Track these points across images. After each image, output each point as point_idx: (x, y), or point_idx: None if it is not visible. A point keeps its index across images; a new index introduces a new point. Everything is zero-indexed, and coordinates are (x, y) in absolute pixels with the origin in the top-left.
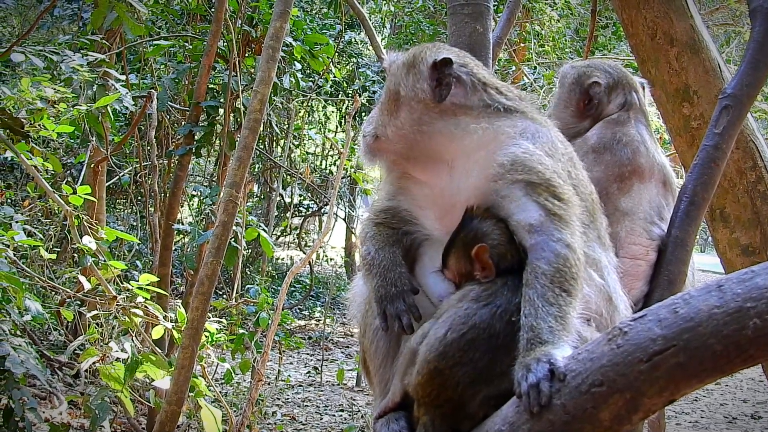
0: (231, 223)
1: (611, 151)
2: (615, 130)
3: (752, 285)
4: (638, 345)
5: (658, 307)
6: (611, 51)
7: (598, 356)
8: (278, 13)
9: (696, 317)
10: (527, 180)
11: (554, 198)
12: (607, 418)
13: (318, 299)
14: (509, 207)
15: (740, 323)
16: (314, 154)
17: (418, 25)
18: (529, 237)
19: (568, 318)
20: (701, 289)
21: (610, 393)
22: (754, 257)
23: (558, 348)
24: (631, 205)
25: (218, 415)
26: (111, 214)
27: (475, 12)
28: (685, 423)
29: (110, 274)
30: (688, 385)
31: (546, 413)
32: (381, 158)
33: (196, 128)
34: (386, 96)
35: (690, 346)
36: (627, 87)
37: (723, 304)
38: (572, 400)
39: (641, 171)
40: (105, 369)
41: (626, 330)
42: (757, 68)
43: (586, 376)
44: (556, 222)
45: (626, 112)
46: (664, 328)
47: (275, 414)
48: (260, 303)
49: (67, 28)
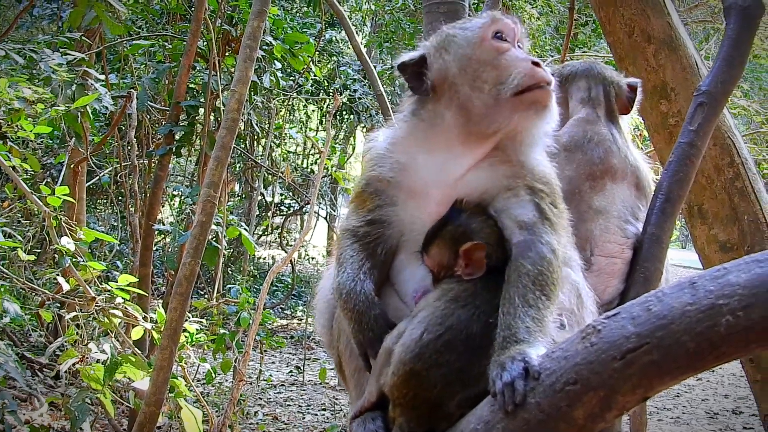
0: (209, 223)
1: (583, 150)
2: (586, 129)
3: (725, 282)
4: (612, 343)
5: (632, 305)
6: (591, 48)
7: (572, 354)
8: (255, 12)
9: (669, 315)
10: (538, 188)
11: (552, 205)
12: (581, 416)
13: (300, 298)
14: (510, 201)
15: (713, 320)
16: (295, 153)
17: (398, 24)
18: (519, 233)
19: (545, 321)
20: (674, 286)
21: (584, 391)
22: (732, 253)
23: (533, 347)
24: (605, 204)
25: (199, 416)
26: (91, 215)
27: (450, 10)
28: (666, 419)
29: (89, 275)
30: (662, 382)
31: (521, 412)
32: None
33: (176, 128)
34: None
35: (663, 343)
36: (591, 81)
37: (696, 301)
38: (547, 399)
39: (614, 171)
40: (85, 370)
41: (600, 328)
42: (732, 65)
43: (561, 375)
44: (547, 225)
45: (594, 109)
46: (638, 326)
47: (257, 414)
48: (241, 302)
49: (46, 27)
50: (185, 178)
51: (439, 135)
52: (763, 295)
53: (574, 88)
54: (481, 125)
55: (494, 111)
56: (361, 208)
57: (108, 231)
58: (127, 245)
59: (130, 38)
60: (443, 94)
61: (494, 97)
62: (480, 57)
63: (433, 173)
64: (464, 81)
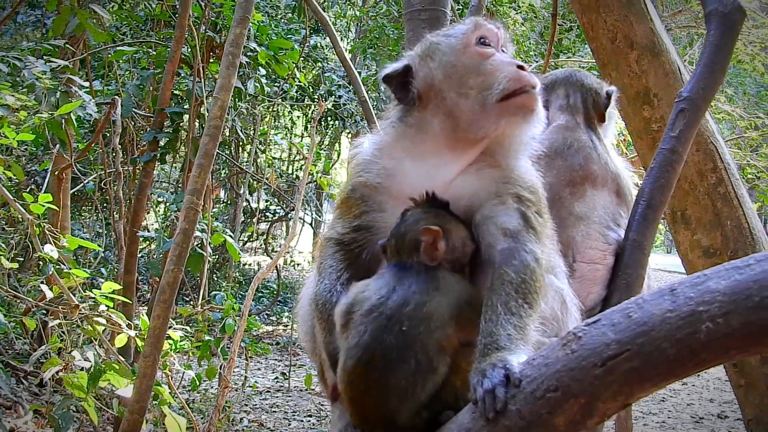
0: (192, 230)
1: (563, 156)
2: (566, 136)
3: (704, 288)
4: (592, 350)
5: (612, 312)
6: (576, 54)
7: (552, 361)
8: (238, 19)
9: (649, 321)
10: (525, 196)
11: (538, 214)
12: (562, 423)
13: (285, 305)
14: (496, 208)
15: (693, 327)
16: (280, 159)
17: (382, 30)
18: (504, 240)
19: (527, 329)
20: (654, 293)
21: (565, 398)
22: (715, 258)
23: (514, 354)
24: (586, 210)
25: (183, 423)
26: (76, 222)
27: (432, 17)
28: (652, 423)
29: (73, 283)
30: (643, 389)
31: (502, 419)
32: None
33: (161, 135)
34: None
35: (644, 350)
36: (570, 89)
37: (676, 308)
38: (528, 406)
39: (594, 177)
40: (68, 378)
41: (580, 335)
42: (713, 71)
43: (541, 382)
44: (531, 234)
45: (573, 116)
46: (618, 333)
47: (243, 420)
48: (226, 309)
49: (30, 34)
50: (170, 184)
51: (426, 141)
52: (742, 301)
53: (554, 96)
54: (468, 131)
55: (481, 117)
56: (347, 215)
57: (93, 238)
58: (112, 252)
59: (115, 45)
60: (429, 101)
61: (481, 103)
62: (465, 63)
63: (420, 179)
64: (450, 88)
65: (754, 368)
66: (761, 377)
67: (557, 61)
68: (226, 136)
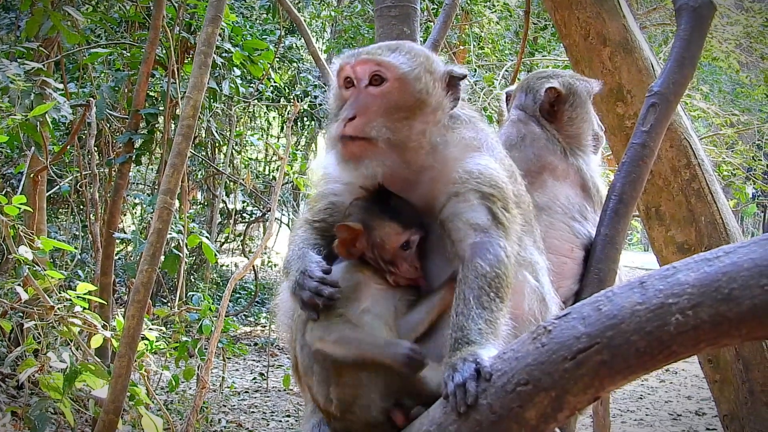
0: (166, 230)
1: (518, 148)
2: (519, 128)
3: (674, 281)
4: (562, 343)
5: (582, 305)
6: (551, 52)
7: (523, 355)
8: (209, 19)
9: (619, 314)
10: (485, 192)
11: (504, 209)
12: (533, 416)
13: (263, 305)
14: (460, 206)
15: (662, 319)
16: (256, 160)
17: (357, 29)
18: (474, 235)
19: (497, 323)
20: (624, 286)
21: (535, 392)
22: (689, 254)
23: (484, 348)
24: (546, 200)
25: (160, 424)
26: (52, 224)
27: (402, 14)
28: (630, 421)
29: (48, 284)
30: (613, 382)
31: (473, 413)
32: (363, 163)
33: (136, 136)
34: (398, 99)
35: (613, 343)
36: (521, 90)
37: (645, 300)
38: (499, 400)
39: (552, 167)
40: (44, 379)
41: (550, 329)
42: (683, 66)
43: (512, 376)
44: (501, 230)
45: (524, 111)
46: (588, 326)
47: (221, 421)
48: (203, 310)
49: (4, 37)
50: (146, 186)
51: None
52: (711, 294)
53: (515, 97)
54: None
55: None
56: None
57: (69, 240)
58: (89, 254)
59: (89, 47)
60: None
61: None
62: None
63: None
64: None
65: (728, 363)
66: (736, 373)
67: (532, 59)
68: (202, 137)
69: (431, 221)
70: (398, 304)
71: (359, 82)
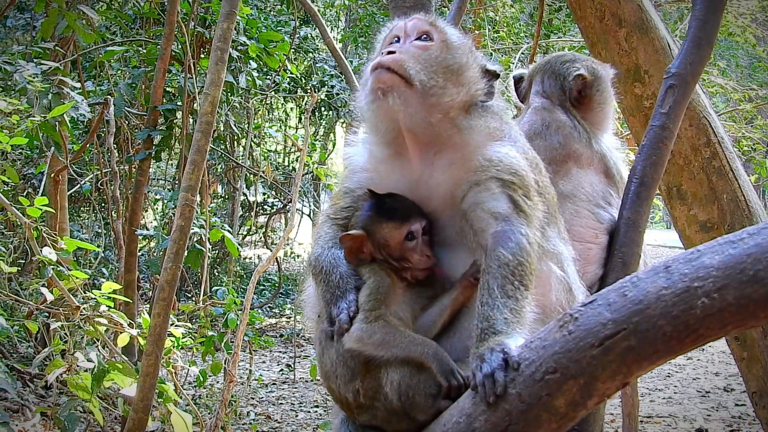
0: (188, 227)
1: (542, 136)
2: (544, 116)
3: (699, 264)
4: (589, 330)
5: (608, 291)
6: (566, 34)
7: (550, 343)
8: (225, 14)
9: (645, 299)
10: (506, 179)
11: (525, 197)
12: (562, 404)
13: (288, 296)
14: (481, 195)
15: (688, 303)
16: (275, 151)
17: (372, 18)
18: (496, 224)
19: (523, 312)
20: (649, 270)
21: (564, 380)
22: (712, 233)
23: (511, 338)
24: (571, 188)
25: (189, 420)
26: (75, 223)
27: (417, 4)
28: (658, 399)
29: (73, 284)
30: (641, 367)
31: (502, 403)
32: (390, 96)
33: (155, 132)
34: (440, 57)
35: (640, 328)
36: (545, 75)
37: (671, 285)
38: (527, 389)
39: (577, 155)
40: (72, 379)
41: (577, 316)
42: (700, 46)
43: (540, 364)
44: (522, 217)
45: (549, 99)
46: (614, 312)
47: (249, 414)
48: (228, 304)
49: (20, 38)
50: (167, 182)
51: (384, 145)
52: (737, 276)
53: (534, 82)
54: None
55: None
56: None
57: (92, 238)
58: (112, 252)
59: (105, 45)
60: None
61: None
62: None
63: (393, 180)
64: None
65: (755, 341)
66: (763, 350)
67: (548, 41)
68: (221, 131)
69: (452, 213)
70: (414, 306)
71: (407, 37)
